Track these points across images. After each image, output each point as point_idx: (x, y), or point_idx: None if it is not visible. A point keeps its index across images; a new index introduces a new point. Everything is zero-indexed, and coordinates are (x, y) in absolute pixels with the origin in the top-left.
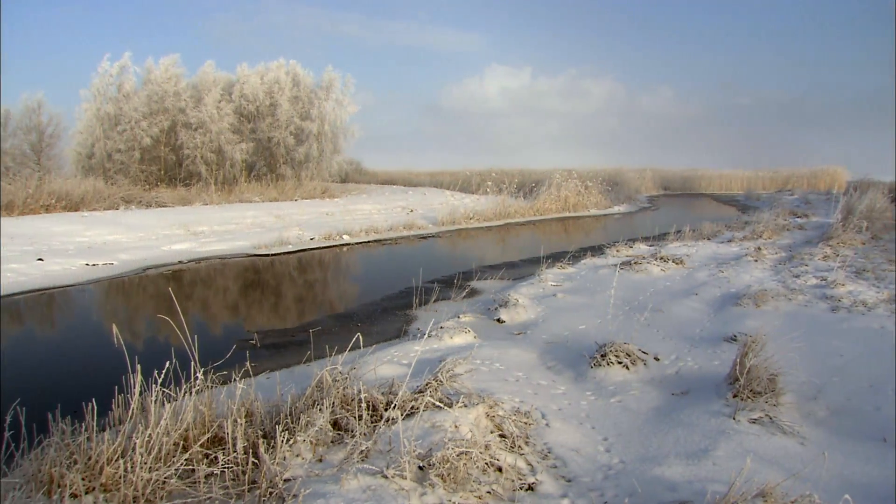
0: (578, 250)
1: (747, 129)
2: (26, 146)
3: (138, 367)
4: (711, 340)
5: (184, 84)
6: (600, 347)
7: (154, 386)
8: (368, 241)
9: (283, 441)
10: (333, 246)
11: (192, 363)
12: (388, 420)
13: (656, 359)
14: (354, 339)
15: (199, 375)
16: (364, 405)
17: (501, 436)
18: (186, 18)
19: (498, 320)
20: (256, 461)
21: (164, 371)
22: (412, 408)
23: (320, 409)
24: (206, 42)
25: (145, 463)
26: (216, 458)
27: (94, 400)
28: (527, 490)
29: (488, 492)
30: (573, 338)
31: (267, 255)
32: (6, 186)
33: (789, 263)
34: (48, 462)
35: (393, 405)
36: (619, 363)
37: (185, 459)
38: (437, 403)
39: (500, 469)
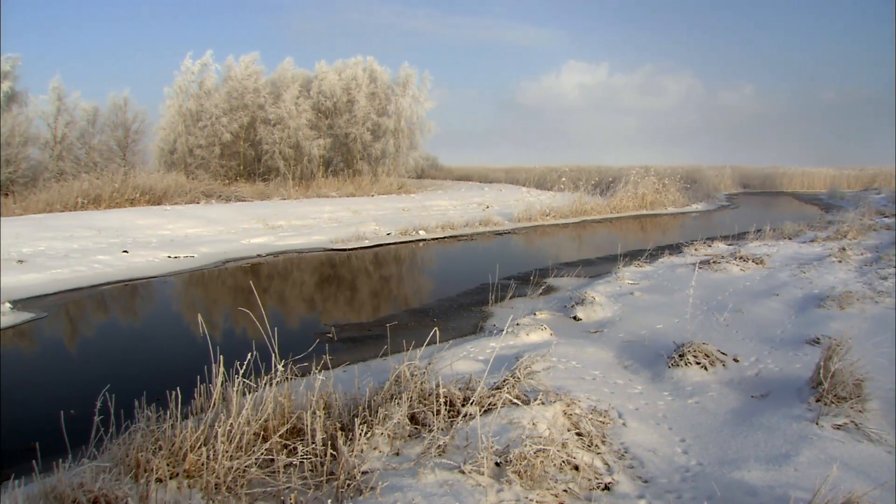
0: (656, 248)
1: (832, 125)
2: (113, 142)
3: (220, 357)
4: (793, 342)
5: (263, 81)
6: (678, 347)
7: (235, 377)
8: (444, 237)
9: (360, 434)
10: (409, 241)
11: (273, 355)
12: (465, 416)
13: (735, 360)
14: (431, 334)
15: (279, 367)
16: (442, 400)
17: (578, 434)
18: (265, 16)
19: (574, 318)
20: (334, 453)
21: (245, 362)
22: (489, 404)
23: (398, 403)
24: (284, 39)
25: (227, 451)
26: (295, 448)
27: (177, 389)
28: (603, 490)
29: (565, 490)
30: (650, 337)
31: (344, 250)
32: (94, 181)
33: (876, 265)
34: (135, 447)
35: (471, 401)
36: (698, 364)
37: (265, 449)
38: (515, 400)
39: (576, 468)
